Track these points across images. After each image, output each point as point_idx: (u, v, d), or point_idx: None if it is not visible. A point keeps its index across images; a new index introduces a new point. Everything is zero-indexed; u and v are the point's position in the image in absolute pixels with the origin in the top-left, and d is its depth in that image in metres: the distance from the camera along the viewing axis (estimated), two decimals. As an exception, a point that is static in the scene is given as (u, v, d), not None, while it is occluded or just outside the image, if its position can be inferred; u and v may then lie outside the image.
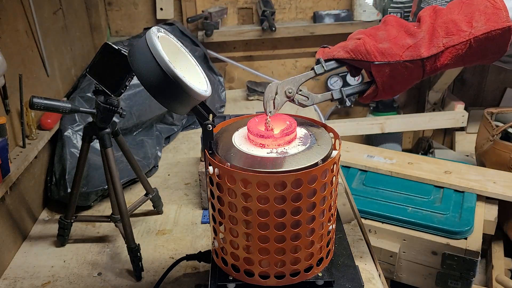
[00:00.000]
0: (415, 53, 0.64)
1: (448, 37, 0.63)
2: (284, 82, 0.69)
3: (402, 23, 0.67)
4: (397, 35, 0.65)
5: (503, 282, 1.42)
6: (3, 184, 0.95)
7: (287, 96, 0.69)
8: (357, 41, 0.67)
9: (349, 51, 0.67)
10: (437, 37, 0.64)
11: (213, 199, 0.66)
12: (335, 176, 0.66)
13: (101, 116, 0.89)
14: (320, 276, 0.68)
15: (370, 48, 0.65)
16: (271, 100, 0.68)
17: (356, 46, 0.66)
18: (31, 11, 1.16)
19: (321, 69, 0.69)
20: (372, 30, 0.68)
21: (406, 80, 0.67)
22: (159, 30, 0.64)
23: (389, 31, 0.66)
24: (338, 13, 1.95)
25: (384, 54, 0.65)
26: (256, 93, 1.85)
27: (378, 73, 0.66)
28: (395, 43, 0.65)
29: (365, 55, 0.66)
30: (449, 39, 0.63)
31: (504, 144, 1.70)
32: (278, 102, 0.68)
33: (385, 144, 2.14)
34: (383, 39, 0.66)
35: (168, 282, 0.92)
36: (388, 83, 0.67)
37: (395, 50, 0.65)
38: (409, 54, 0.64)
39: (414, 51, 0.64)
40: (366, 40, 0.66)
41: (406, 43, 0.65)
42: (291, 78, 0.69)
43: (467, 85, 2.26)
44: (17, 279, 0.96)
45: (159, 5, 1.89)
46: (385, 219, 1.44)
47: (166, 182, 1.30)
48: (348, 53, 0.67)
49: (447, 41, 0.63)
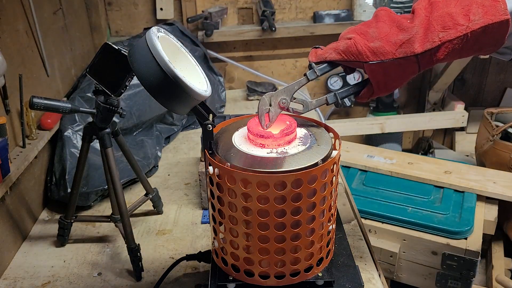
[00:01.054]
0: (408, 50, 0.62)
1: (445, 31, 0.61)
2: (276, 93, 0.68)
3: (394, 18, 0.65)
4: (389, 31, 0.63)
5: (503, 282, 1.42)
6: (3, 184, 0.95)
7: (281, 107, 0.68)
8: (348, 42, 0.65)
9: (341, 53, 0.66)
10: (433, 31, 0.62)
11: (213, 199, 0.66)
12: (335, 176, 0.65)
13: (101, 116, 0.89)
14: (320, 276, 0.68)
15: (361, 48, 0.64)
16: (266, 113, 0.68)
17: (347, 47, 0.65)
18: (31, 11, 1.16)
19: (313, 75, 0.68)
20: (363, 28, 0.66)
21: (401, 76, 0.65)
22: (159, 30, 0.64)
23: (381, 28, 0.64)
24: (338, 13, 1.95)
25: (376, 54, 0.63)
26: (256, 93, 1.85)
27: (372, 73, 0.65)
28: (387, 40, 0.63)
29: (357, 56, 0.64)
30: (446, 34, 0.61)
31: (504, 144, 1.70)
32: (272, 115, 0.68)
33: (385, 144, 2.14)
34: (375, 38, 0.64)
35: (168, 282, 0.92)
36: (383, 81, 0.66)
37: (388, 48, 0.63)
38: (402, 51, 0.62)
39: (407, 47, 0.62)
40: (357, 40, 0.64)
41: (398, 40, 0.63)
42: (284, 88, 0.68)
43: (467, 85, 2.26)
44: (17, 279, 0.96)
45: (159, 5, 1.89)
46: (385, 219, 1.44)
47: (166, 182, 1.30)
48: (340, 54, 0.66)
49: (444, 36, 0.61)
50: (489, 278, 1.58)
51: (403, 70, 0.64)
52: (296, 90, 0.68)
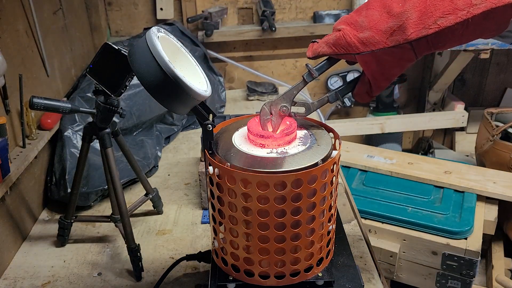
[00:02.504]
0: (400, 37, 0.58)
1: (443, 16, 0.55)
2: (276, 101, 0.67)
3: (385, 2, 0.59)
4: (379, 18, 0.59)
5: (503, 282, 1.42)
6: (3, 184, 0.95)
7: (282, 116, 0.67)
8: (337, 34, 0.62)
9: (331, 46, 0.63)
10: (429, 16, 0.56)
11: (213, 199, 0.66)
12: (335, 176, 0.65)
13: (101, 116, 0.89)
14: (320, 276, 0.68)
15: (350, 40, 0.61)
16: (268, 122, 0.67)
17: (336, 39, 0.62)
18: (31, 11, 1.16)
19: (310, 77, 0.67)
20: (354, 16, 0.62)
21: (397, 65, 0.61)
22: (159, 30, 0.64)
23: (370, 16, 0.60)
24: (338, 13, 1.95)
25: (366, 44, 0.60)
26: (256, 93, 1.85)
27: (365, 64, 0.62)
28: (377, 29, 0.59)
29: (347, 48, 0.61)
30: (445, 19, 0.55)
31: (504, 144, 1.70)
32: (275, 123, 0.67)
33: (385, 144, 2.14)
34: (364, 27, 0.60)
35: (168, 282, 0.92)
36: (378, 72, 0.63)
37: (378, 37, 0.59)
38: (393, 39, 0.58)
39: (399, 35, 0.58)
40: (346, 32, 0.61)
41: (388, 28, 0.58)
42: (283, 94, 0.67)
43: (467, 85, 2.26)
44: (17, 279, 0.96)
45: (159, 5, 1.89)
46: (385, 219, 1.44)
47: (166, 182, 1.30)
48: (331, 47, 0.63)
49: (442, 22, 0.56)
50: (489, 278, 1.58)
51: (398, 58, 0.61)
52: (295, 95, 0.67)
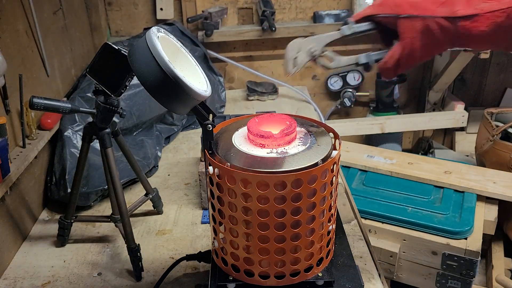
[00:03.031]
0: (450, 10, 0.58)
1: (488, 1, 0.57)
2: (307, 39, 0.63)
3: None
4: None
5: (503, 282, 1.42)
6: (3, 184, 0.95)
7: (311, 55, 0.63)
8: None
9: (378, 6, 0.62)
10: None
11: (213, 199, 0.66)
12: (335, 176, 0.65)
13: (101, 116, 0.89)
14: (320, 276, 0.68)
15: (399, 1, 0.60)
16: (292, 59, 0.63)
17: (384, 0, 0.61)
18: (31, 11, 1.16)
19: (348, 30, 0.63)
20: None
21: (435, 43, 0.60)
22: (159, 30, 0.64)
23: None
24: (338, 13, 1.95)
25: (416, 8, 0.59)
26: (256, 93, 1.85)
27: (407, 29, 0.60)
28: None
29: (393, 8, 0.60)
30: (489, 4, 0.56)
31: (504, 144, 1.70)
32: (299, 61, 0.63)
33: (385, 144, 2.14)
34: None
35: (168, 282, 0.92)
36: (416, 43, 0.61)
37: (428, 4, 0.58)
38: (443, 10, 0.58)
39: (449, 7, 0.58)
40: None
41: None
42: (315, 36, 0.64)
43: (467, 85, 2.26)
44: (17, 279, 0.96)
45: (159, 5, 1.89)
46: (385, 219, 1.44)
47: (166, 182, 1.30)
48: (376, 8, 0.62)
49: (486, 6, 0.56)
50: (489, 278, 1.58)
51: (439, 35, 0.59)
52: (328, 43, 0.64)
